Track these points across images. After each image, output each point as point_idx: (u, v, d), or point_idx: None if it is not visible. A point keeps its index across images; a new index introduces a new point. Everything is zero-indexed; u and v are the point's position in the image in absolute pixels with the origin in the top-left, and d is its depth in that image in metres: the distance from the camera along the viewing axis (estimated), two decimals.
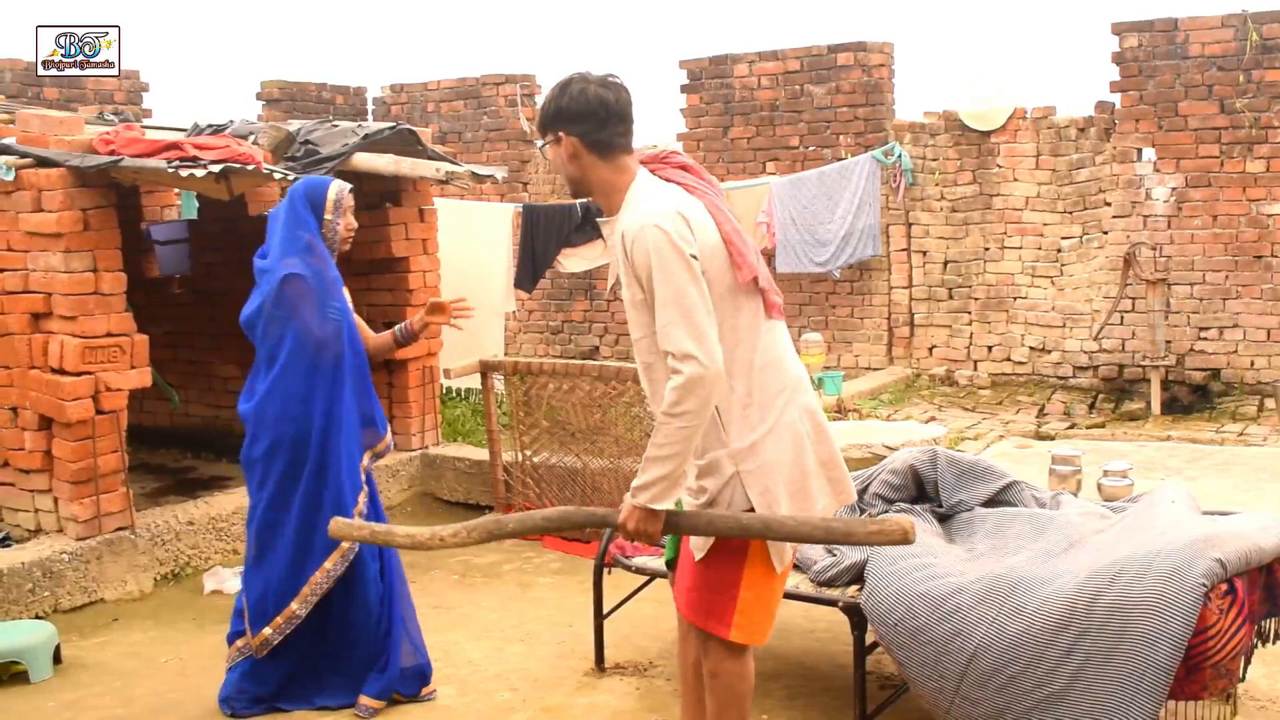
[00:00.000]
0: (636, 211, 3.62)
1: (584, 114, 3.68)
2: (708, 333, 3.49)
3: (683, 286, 3.50)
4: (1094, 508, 5.11)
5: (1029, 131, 11.83)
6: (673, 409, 3.49)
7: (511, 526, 3.92)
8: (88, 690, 5.55)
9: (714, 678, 3.87)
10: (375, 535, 4.08)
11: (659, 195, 3.66)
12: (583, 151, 3.71)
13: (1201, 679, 4.07)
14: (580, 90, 3.69)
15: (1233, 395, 10.97)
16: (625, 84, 3.79)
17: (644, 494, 3.58)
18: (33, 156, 6.73)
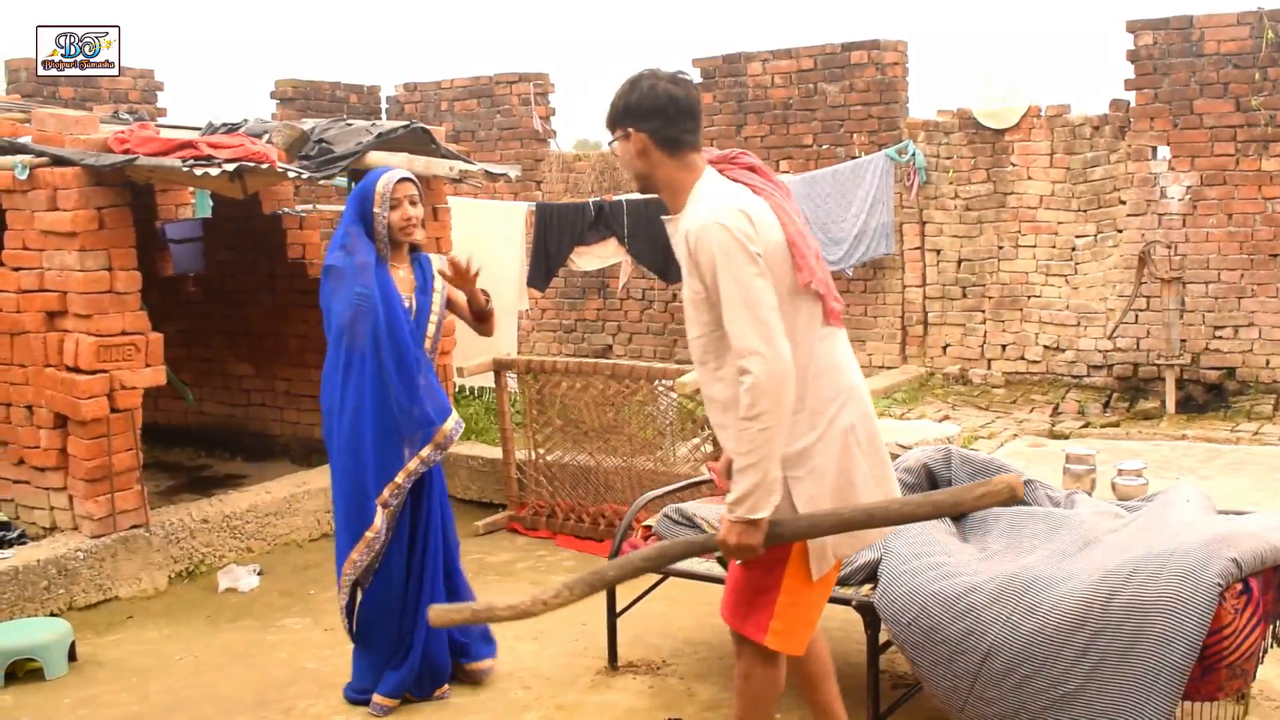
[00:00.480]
0: (701, 209, 3.60)
1: (654, 110, 3.67)
2: (774, 329, 3.47)
3: (748, 283, 3.48)
4: (1108, 507, 5.09)
5: (1043, 130, 11.80)
6: (749, 412, 3.45)
7: (612, 574, 3.83)
8: (103, 687, 5.57)
9: (745, 679, 3.85)
10: (476, 614, 3.92)
11: (723, 193, 3.65)
12: (651, 148, 3.70)
13: (1217, 679, 4.06)
14: (650, 87, 3.69)
15: (1248, 394, 10.93)
16: (694, 81, 3.79)
17: (741, 507, 3.50)
18: (48, 155, 6.75)
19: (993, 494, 3.43)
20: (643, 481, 7.32)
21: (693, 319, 3.72)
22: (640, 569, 3.86)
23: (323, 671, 5.65)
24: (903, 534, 4.70)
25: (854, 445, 3.68)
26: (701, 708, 5.07)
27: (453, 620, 3.99)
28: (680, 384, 7.10)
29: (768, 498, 3.50)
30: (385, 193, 5.18)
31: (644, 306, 14.02)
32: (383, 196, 5.18)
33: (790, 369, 3.47)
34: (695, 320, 3.70)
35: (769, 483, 3.49)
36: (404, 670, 5.18)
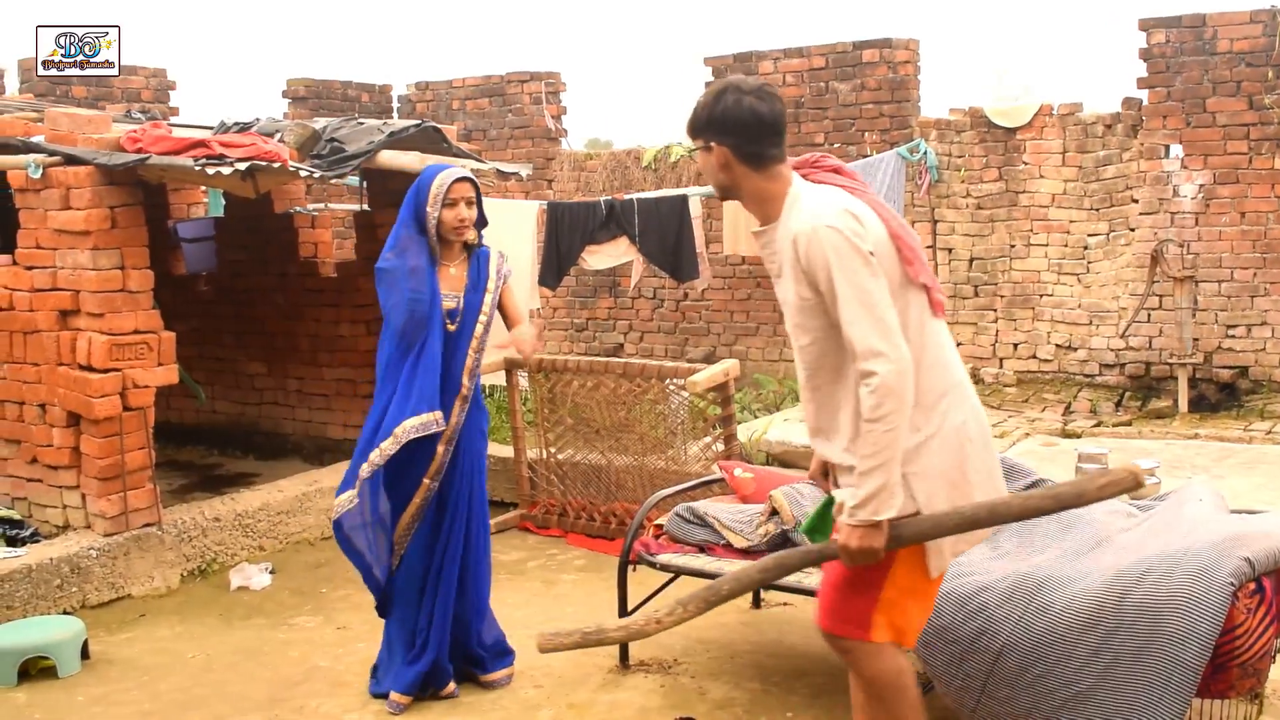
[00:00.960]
0: (806, 214, 3.55)
1: (737, 126, 3.63)
2: (893, 327, 3.44)
3: (865, 284, 3.45)
4: (1121, 506, 5.08)
5: (1055, 128, 11.78)
6: (874, 413, 3.41)
7: (726, 589, 3.71)
8: (115, 685, 5.58)
9: (872, 683, 3.76)
10: (586, 637, 3.79)
11: (825, 197, 3.61)
12: (734, 162, 3.66)
13: (1228, 678, 4.05)
14: (735, 102, 3.62)
15: (1260, 393, 10.90)
16: (778, 94, 3.74)
17: (864, 510, 3.45)
18: (61, 155, 6.77)
19: (1116, 483, 3.39)
20: (654, 480, 7.32)
21: (802, 326, 3.64)
22: (758, 581, 3.73)
23: (335, 670, 5.66)
24: None
25: (966, 441, 3.64)
26: (713, 706, 5.07)
27: (561, 645, 3.83)
28: (691, 383, 7.10)
29: (891, 500, 3.46)
30: (440, 192, 5.13)
31: (655, 305, 14.01)
32: (436, 195, 5.13)
33: (911, 367, 3.45)
34: (805, 327, 3.63)
35: (893, 485, 3.46)
36: (420, 666, 5.19)
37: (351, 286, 9.00)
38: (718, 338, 13.56)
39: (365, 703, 5.26)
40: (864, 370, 3.43)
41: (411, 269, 5.13)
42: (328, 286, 9.19)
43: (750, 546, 5.23)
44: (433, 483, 5.18)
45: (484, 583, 5.43)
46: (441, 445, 5.18)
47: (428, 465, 5.17)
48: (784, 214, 3.64)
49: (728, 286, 13.45)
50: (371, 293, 8.71)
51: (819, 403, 3.71)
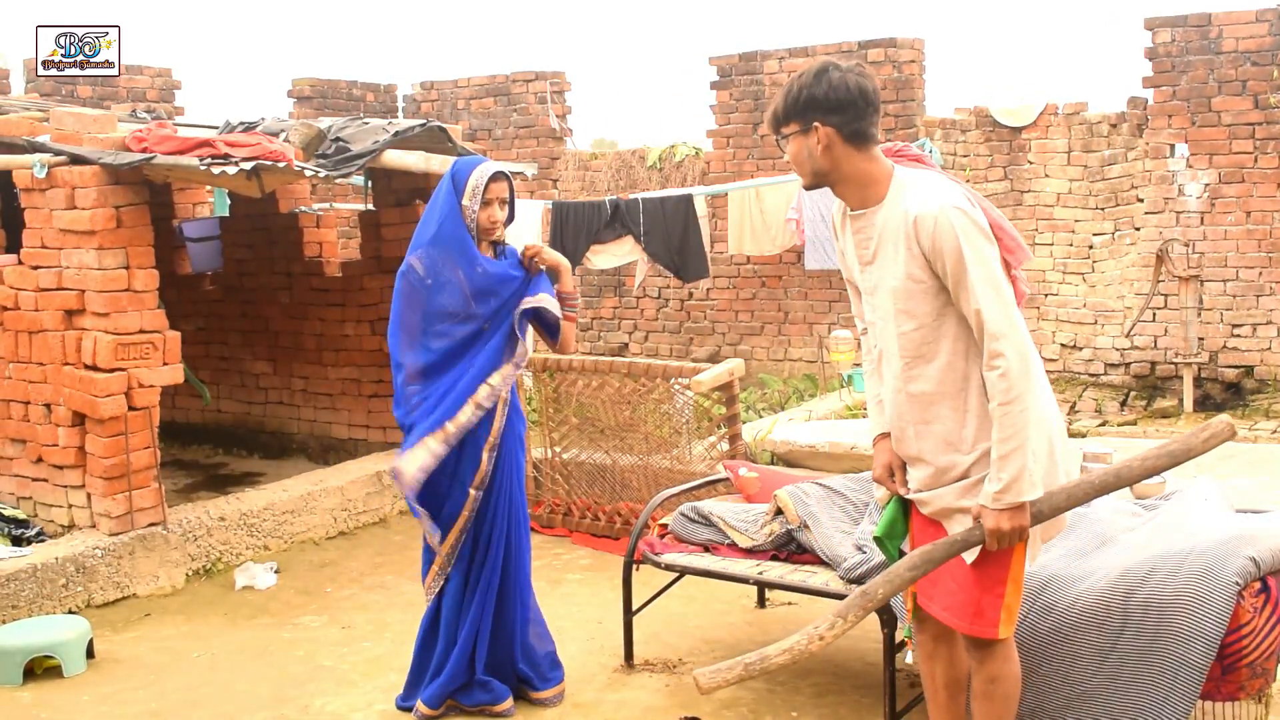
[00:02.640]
0: (929, 195, 3.53)
1: (843, 104, 3.58)
2: (1015, 310, 3.49)
3: (993, 266, 3.49)
4: (1126, 505, 5.08)
5: (1060, 127, 11.77)
6: (1008, 395, 3.43)
7: (881, 591, 3.64)
8: (121, 684, 5.59)
9: (993, 683, 3.74)
10: (749, 668, 3.60)
11: (939, 181, 3.61)
12: (838, 142, 3.62)
13: (1238, 679, 4.04)
14: (840, 79, 3.58)
15: (1266, 392, 10.89)
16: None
17: (1009, 493, 3.46)
18: (66, 154, 6.77)
19: (1217, 435, 3.58)
20: (659, 480, 7.32)
21: (908, 311, 3.60)
22: (907, 579, 3.67)
23: (340, 669, 5.67)
24: None
25: (1054, 424, 3.68)
26: (718, 706, 5.06)
27: (726, 680, 3.61)
28: (696, 382, 7.10)
29: (1032, 478, 3.48)
30: (478, 188, 4.93)
31: (660, 305, 14.01)
32: (475, 191, 4.93)
33: (1032, 348, 3.50)
34: (913, 312, 3.59)
35: (1032, 465, 3.47)
36: (445, 678, 5.02)
37: (356, 286, 9.01)
38: (722, 337, 13.55)
39: (370, 701, 5.26)
40: (993, 351, 3.45)
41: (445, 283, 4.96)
42: (333, 286, 9.20)
43: (755, 546, 5.23)
44: (478, 492, 5.01)
45: (527, 592, 5.23)
46: (486, 452, 5.00)
47: (473, 475, 4.99)
48: (891, 196, 3.62)
49: (733, 286, 13.45)
50: (376, 292, 8.80)
51: (911, 394, 3.66)
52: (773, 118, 3.75)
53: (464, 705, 5.06)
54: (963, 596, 3.68)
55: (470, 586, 5.05)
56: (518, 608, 5.16)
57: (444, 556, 5.04)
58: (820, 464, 8.32)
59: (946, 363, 3.58)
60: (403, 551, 7.50)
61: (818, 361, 12.05)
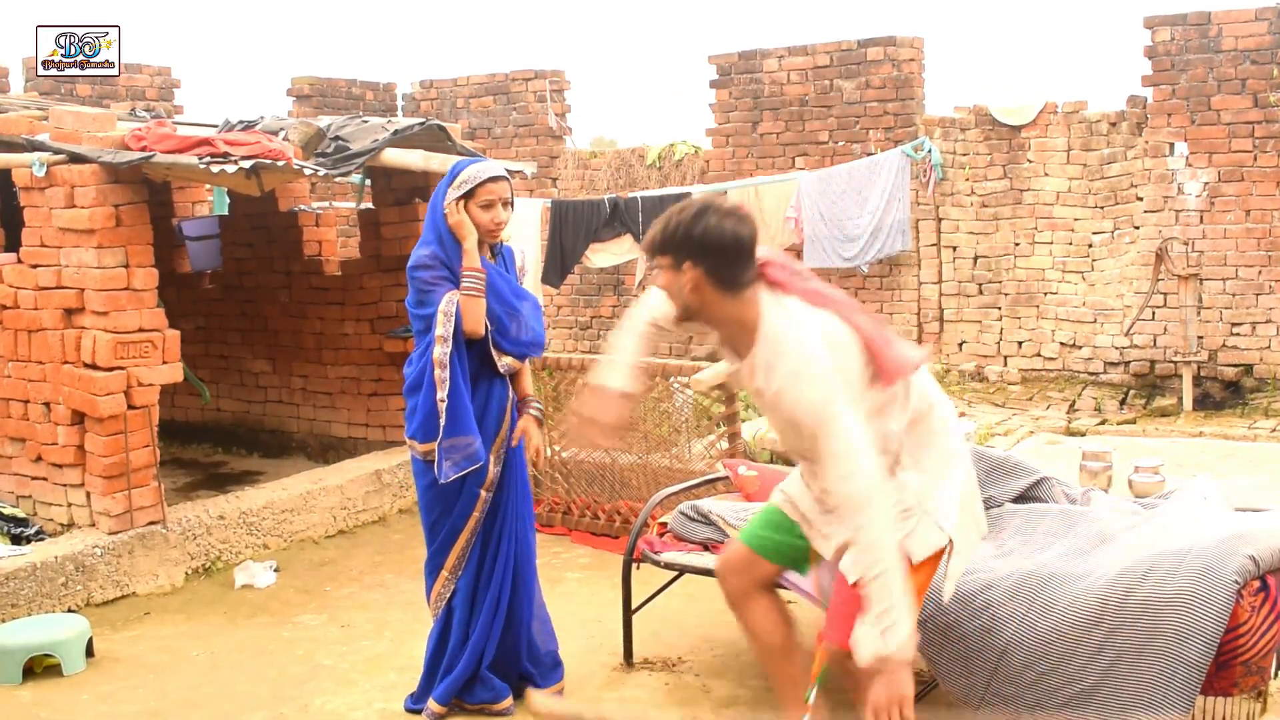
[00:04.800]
0: (782, 359, 3.56)
1: (716, 249, 3.59)
2: (868, 469, 3.48)
3: (845, 437, 3.47)
4: (1125, 504, 5.09)
5: (1060, 126, 11.77)
6: (873, 570, 3.44)
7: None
8: (120, 684, 5.59)
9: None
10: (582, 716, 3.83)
11: (802, 328, 3.60)
12: (706, 285, 3.64)
13: (1232, 676, 4.05)
14: (717, 225, 3.58)
15: (1265, 391, 10.89)
16: (752, 217, 3.71)
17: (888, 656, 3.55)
18: (65, 153, 6.77)
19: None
20: (658, 478, 7.32)
21: (795, 434, 3.69)
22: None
23: (339, 668, 5.67)
24: None
25: (964, 476, 4.03)
26: (718, 704, 5.07)
27: (554, 715, 3.76)
28: (695, 381, 7.10)
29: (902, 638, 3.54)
30: (466, 183, 4.77)
31: None
32: (461, 184, 4.78)
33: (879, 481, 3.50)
34: (800, 435, 3.64)
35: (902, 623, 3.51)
36: (455, 675, 4.98)
37: (356, 285, 9.00)
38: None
39: (370, 700, 5.26)
40: (856, 525, 3.46)
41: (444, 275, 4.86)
42: (332, 285, 9.20)
43: None
44: (488, 494, 4.98)
45: (534, 590, 5.20)
46: (492, 455, 4.97)
47: (482, 478, 4.96)
48: (760, 346, 3.65)
49: None
50: (375, 291, 8.80)
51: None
52: (649, 244, 3.75)
53: (466, 703, 5.03)
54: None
55: (482, 586, 5.01)
56: (526, 605, 5.13)
57: (454, 560, 4.99)
58: None
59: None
60: (402, 550, 7.51)
61: None
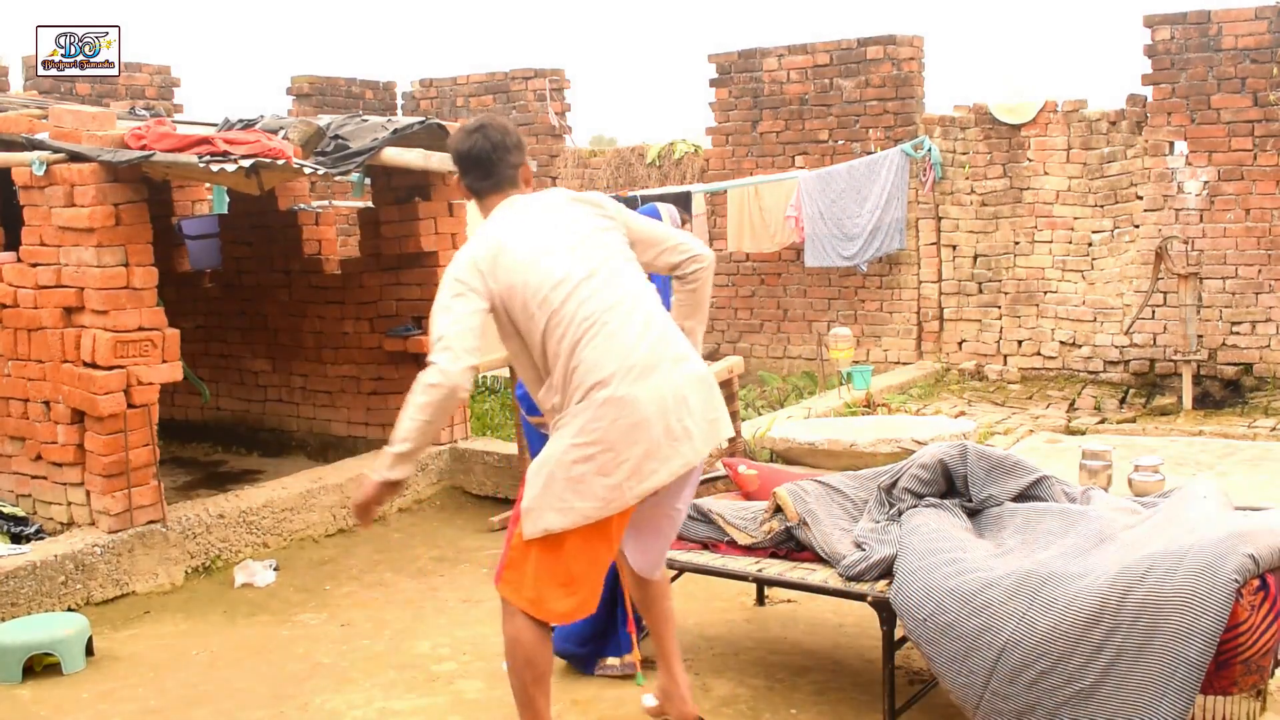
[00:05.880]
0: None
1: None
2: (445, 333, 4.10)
3: (441, 299, 4.11)
4: (1125, 503, 5.08)
5: (1060, 125, 11.77)
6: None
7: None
8: (121, 682, 5.59)
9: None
10: None
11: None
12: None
13: (1231, 675, 4.05)
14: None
15: (1265, 390, 10.89)
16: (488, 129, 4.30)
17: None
18: (65, 152, 6.77)
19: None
20: None
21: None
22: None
23: (339, 666, 5.67)
24: (919, 531, 4.70)
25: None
26: (717, 703, 5.06)
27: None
28: None
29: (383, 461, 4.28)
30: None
31: None
32: None
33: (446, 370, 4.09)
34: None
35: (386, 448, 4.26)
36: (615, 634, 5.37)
37: (356, 284, 9.01)
38: (722, 335, 13.56)
39: (369, 699, 5.26)
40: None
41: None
42: (332, 284, 9.20)
43: (754, 543, 5.23)
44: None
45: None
46: None
47: None
48: None
49: (732, 284, 13.45)
50: (375, 289, 8.80)
51: None
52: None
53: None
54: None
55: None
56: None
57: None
58: (819, 461, 8.32)
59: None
60: (402, 549, 7.51)
61: (817, 359, 12.05)
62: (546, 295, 4.02)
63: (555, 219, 4.20)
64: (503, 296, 4.05)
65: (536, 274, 4.05)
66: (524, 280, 4.03)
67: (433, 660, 5.68)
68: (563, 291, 4.03)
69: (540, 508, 4.02)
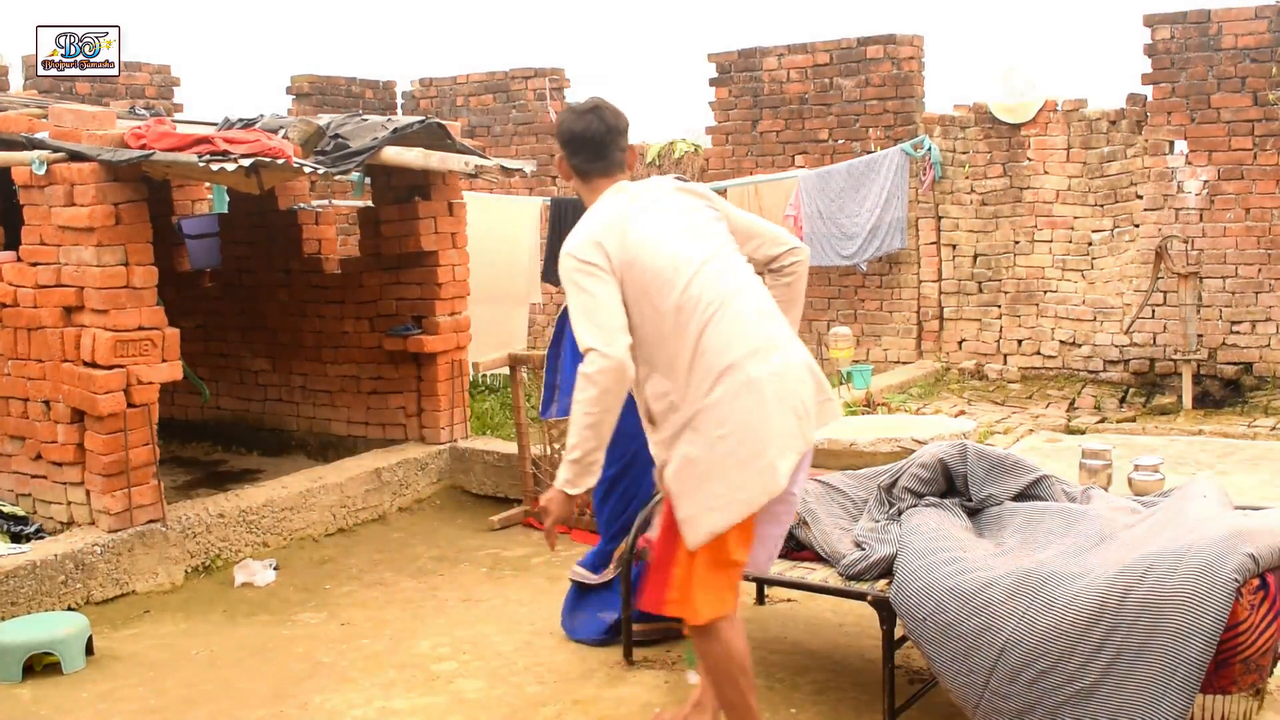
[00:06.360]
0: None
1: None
2: (608, 334, 4.03)
3: (584, 297, 4.05)
4: (1124, 502, 5.08)
5: (1060, 124, 11.77)
6: (575, 397, 4.05)
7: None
8: (121, 682, 5.59)
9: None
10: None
11: (583, 220, 4.31)
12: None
13: (1230, 674, 4.05)
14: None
15: (1265, 389, 10.89)
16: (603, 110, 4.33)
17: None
18: (65, 151, 6.77)
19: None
20: None
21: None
22: None
23: (339, 665, 5.67)
24: (918, 530, 4.70)
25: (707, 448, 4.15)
26: None
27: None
28: None
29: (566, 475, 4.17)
30: None
31: None
32: None
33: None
34: None
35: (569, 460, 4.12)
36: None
37: (356, 283, 9.01)
38: None
39: (369, 698, 5.26)
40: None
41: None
42: (332, 283, 9.20)
43: None
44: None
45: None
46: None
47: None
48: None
49: None
50: (375, 289, 8.81)
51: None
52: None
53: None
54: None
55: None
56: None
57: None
58: (819, 460, 8.28)
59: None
60: (401, 549, 7.51)
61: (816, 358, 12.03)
62: (669, 278, 3.99)
63: (668, 204, 4.20)
64: (621, 276, 4.01)
65: (657, 256, 4.02)
66: (646, 260, 4.01)
67: (433, 659, 5.68)
68: (685, 274, 4.01)
69: (699, 513, 3.94)
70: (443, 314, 8.60)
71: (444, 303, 8.60)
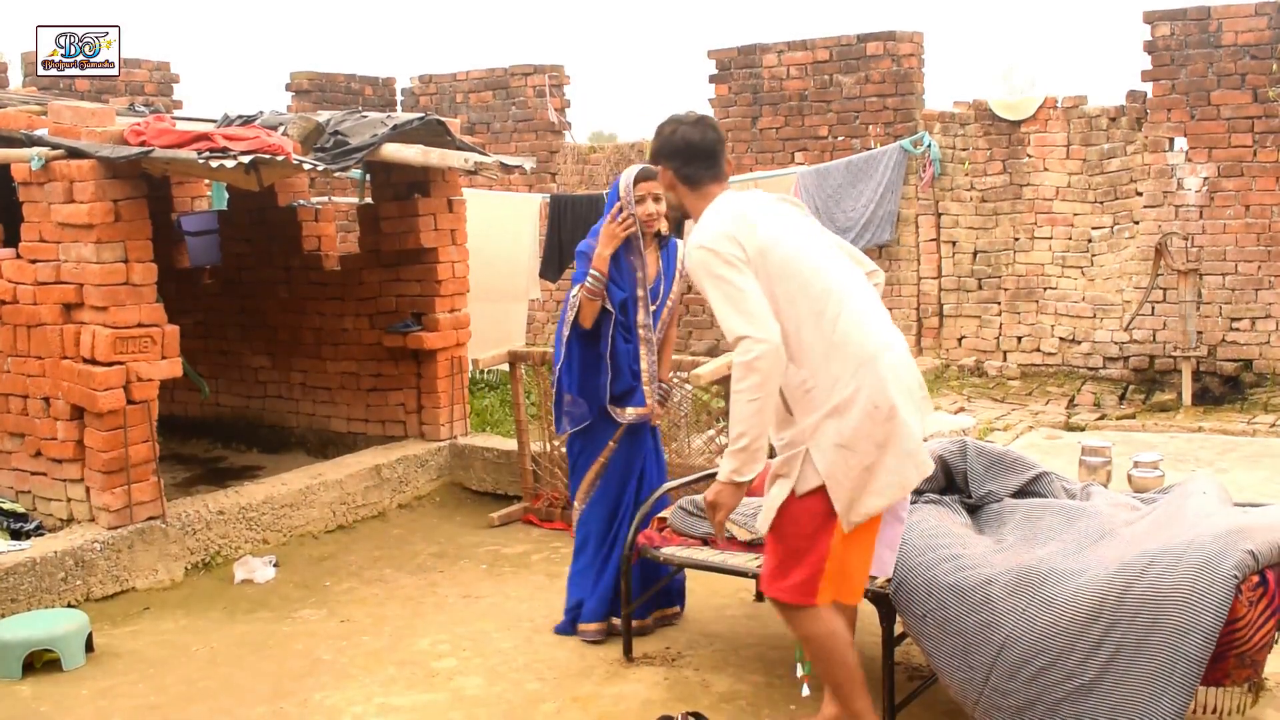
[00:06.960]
0: (693, 234, 4.27)
1: (672, 152, 4.43)
2: (759, 319, 4.11)
3: (727, 287, 4.16)
4: (1124, 499, 5.08)
5: (1060, 121, 11.77)
6: (736, 385, 4.09)
7: None
8: (120, 678, 5.59)
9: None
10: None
11: (709, 215, 4.37)
12: (675, 183, 4.47)
13: (1225, 667, 4.06)
14: (671, 132, 4.43)
15: (1265, 386, 10.89)
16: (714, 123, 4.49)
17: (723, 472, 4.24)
18: (64, 148, 6.77)
19: None
20: None
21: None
22: None
23: (339, 662, 5.67)
24: (918, 527, 4.70)
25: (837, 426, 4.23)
26: (717, 700, 5.07)
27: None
28: (695, 376, 7.08)
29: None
30: (629, 189, 5.61)
31: None
32: (628, 191, 5.60)
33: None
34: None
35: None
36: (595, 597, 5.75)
37: (355, 280, 9.00)
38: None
39: (369, 695, 5.26)
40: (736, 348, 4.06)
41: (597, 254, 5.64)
42: (331, 280, 9.19)
43: (754, 540, 5.23)
44: (616, 445, 5.79)
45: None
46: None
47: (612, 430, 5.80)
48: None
49: None
50: (375, 286, 8.80)
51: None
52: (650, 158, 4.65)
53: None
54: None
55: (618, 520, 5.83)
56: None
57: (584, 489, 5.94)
58: None
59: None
60: (401, 546, 7.51)
61: None
62: (800, 268, 4.11)
63: (779, 208, 4.35)
64: (755, 268, 4.09)
65: (787, 248, 4.14)
66: (778, 251, 4.12)
67: (432, 656, 5.68)
68: (815, 266, 4.14)
69: (856, 498, 4.05)
70: (442, 311, 8.60)
71: (443, 299, 8.60)
